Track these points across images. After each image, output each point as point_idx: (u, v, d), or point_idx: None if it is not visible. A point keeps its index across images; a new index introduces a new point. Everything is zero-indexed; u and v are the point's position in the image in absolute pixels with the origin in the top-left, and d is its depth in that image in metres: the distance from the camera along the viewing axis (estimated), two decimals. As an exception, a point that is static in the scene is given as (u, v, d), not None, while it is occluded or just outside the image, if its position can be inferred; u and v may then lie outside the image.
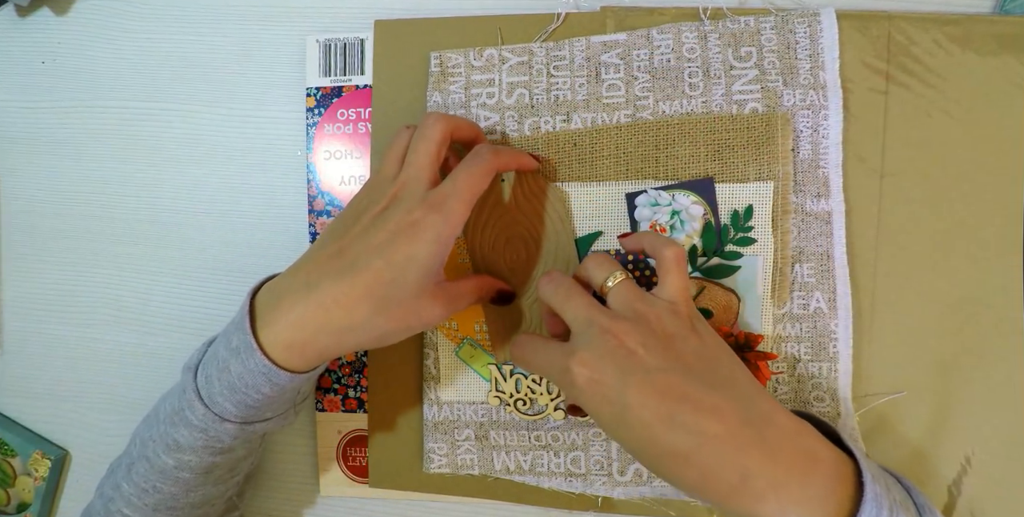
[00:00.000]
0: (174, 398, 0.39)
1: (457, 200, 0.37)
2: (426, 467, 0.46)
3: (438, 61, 0.46)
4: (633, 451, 0.34)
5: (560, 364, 0.35)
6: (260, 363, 0.36)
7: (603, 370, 0.34)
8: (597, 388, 0.34)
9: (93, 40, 0.53)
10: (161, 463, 0.39)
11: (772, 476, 0.31)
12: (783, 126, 0.42)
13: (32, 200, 0.54)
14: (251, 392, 0.37)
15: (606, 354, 0.34)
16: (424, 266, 0.36)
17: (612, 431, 0.34)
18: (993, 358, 0.42)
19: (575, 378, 0.34)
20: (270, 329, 0.36)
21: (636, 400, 0.33)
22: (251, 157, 0.51)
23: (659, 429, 0.32)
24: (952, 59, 0.42)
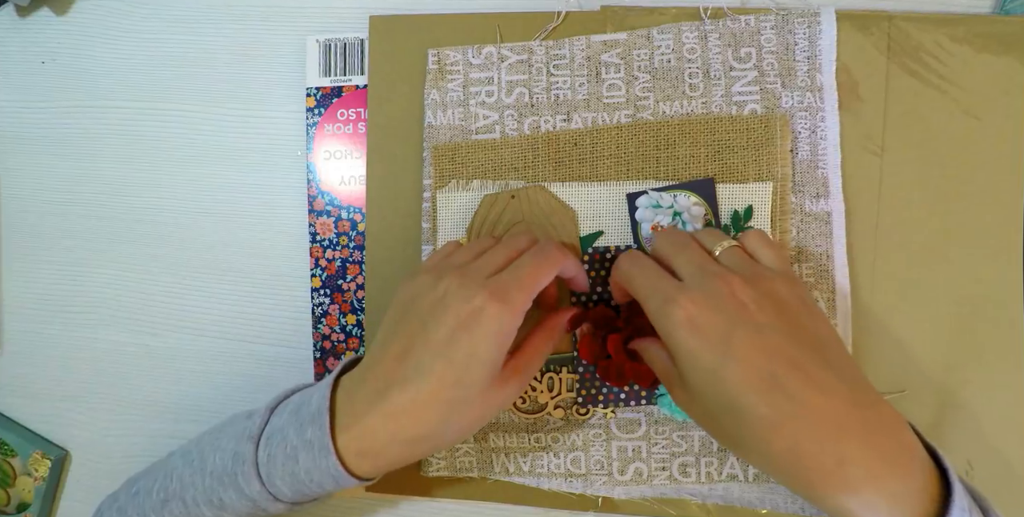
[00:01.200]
0: (227, 458, 0.37)
1: (520, 290, 0.34)
2: (425, 470, 0.46)
3: (436, 58, 0.46)
4: (710, 409, 0.32)
5: (665, 292, 0.33)
6: (333, 466, 0.35)
7: (710, 314, 0.32)
8: (697, 331, 0.32)
9: (93, 40, 0.53)
10: (199, 512, 0.38)
11: (870, 466, 0.29)
12: (782, 127, 0.42)
13: (32, 200, 0.54)
14: (314, 487, 0.36)
15: (717, 299, 0.32)
16: (488, 362, 0.34)
17: (696, 380, 0.32)
18: (993, 358, 0.42)
19: (676, 312, 0.32)
20: (346, 433, 0.35)
21: (740, 352, 0.31)
22: (251, 157, 0.51)
23: (756, 388, 0.30)
24: (952, 59, 0.42)
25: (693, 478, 0.44)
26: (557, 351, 0.44)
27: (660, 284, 0.34)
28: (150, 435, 0.52)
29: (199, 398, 0.52)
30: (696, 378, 0.32)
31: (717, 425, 0.33)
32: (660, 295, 0.34)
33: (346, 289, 0.49)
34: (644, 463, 0.44)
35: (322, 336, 0.49)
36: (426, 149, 0.46)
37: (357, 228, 0.48)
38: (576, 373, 0.44)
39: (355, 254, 0.48)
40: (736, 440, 0.32)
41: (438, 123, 0.46)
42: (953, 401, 0.42)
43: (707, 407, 0.32)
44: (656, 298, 0.34)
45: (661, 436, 0.44)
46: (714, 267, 0.34)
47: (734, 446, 0.33)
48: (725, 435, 0.33)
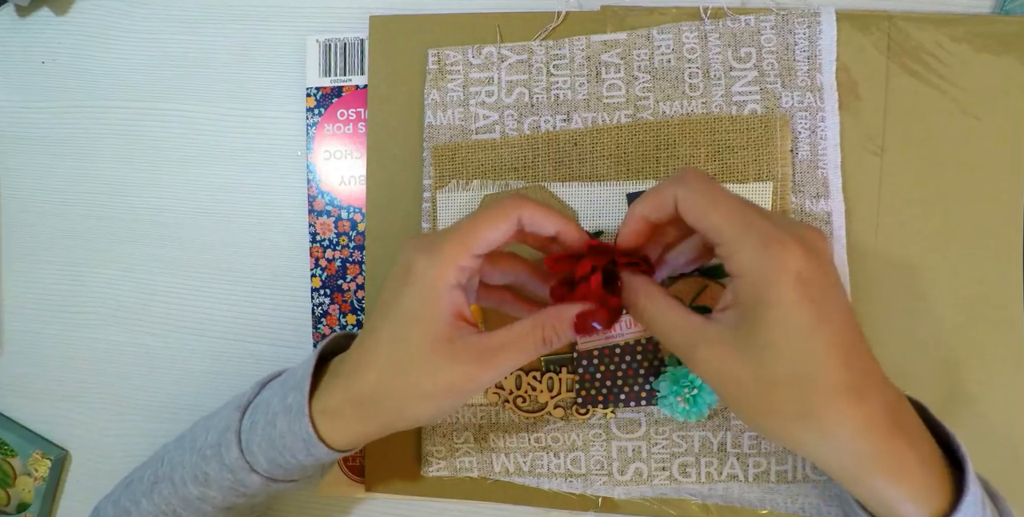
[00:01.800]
0: (215, 432, 0.38)
1: (453, 242, 0.32)
2: (424, 470, 0.46)
3: (436, 58, 0.46)
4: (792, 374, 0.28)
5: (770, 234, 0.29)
6: (304, 429, 0.34)
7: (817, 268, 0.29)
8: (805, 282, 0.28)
9: (93, 40, 0.53)
10: (186, 491, 0.39)
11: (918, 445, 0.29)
12: (782, 127, 0.42)
13: (32, 200, 0.54)
14: (286, 454, 0.36)
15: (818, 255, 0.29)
16: (420, 319, 0.32)
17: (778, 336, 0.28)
18: (993, 358, 0.42)
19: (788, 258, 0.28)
20: (317, 398, 0.35)
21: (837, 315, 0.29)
22: (251, 157, 0.51)
23: (846, 356, 0.28)
24: (952, 59, 0.42)
25: (693, 478, 0.44)
26: (556, 351, 0.44)
27: (758, 221, 0.29)
28: (150, 435, 0.52)
29: (199, 398, 0.52)
30: (784, 338, 0.28)
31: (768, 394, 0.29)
32: (762, 235, 0.29)
33: (346, 289, 0.49)
34: (644, 463, 0.44)
35: (322, 336, 0.49)
36: (426, 149, 0.46)
37: (357, 228, 0.48)
38: (576, 373, 0.44)
39: (355, 254, 0.48)
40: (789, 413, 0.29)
41: (438, 123, 0.46)
42: (954, 401, 0.42)
43: (774, 372, 0.29)
44: (754, 238, 0.29)
45: (661, 436, 0.44)
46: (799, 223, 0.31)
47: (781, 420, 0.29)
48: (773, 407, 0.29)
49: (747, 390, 0.29)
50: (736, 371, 0.29)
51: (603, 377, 0.44)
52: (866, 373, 0.29)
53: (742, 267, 0.29)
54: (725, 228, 0.30)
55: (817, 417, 0.28)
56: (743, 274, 0.29)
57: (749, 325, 0.29)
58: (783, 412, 0.29)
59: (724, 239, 0.30)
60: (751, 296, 0.29)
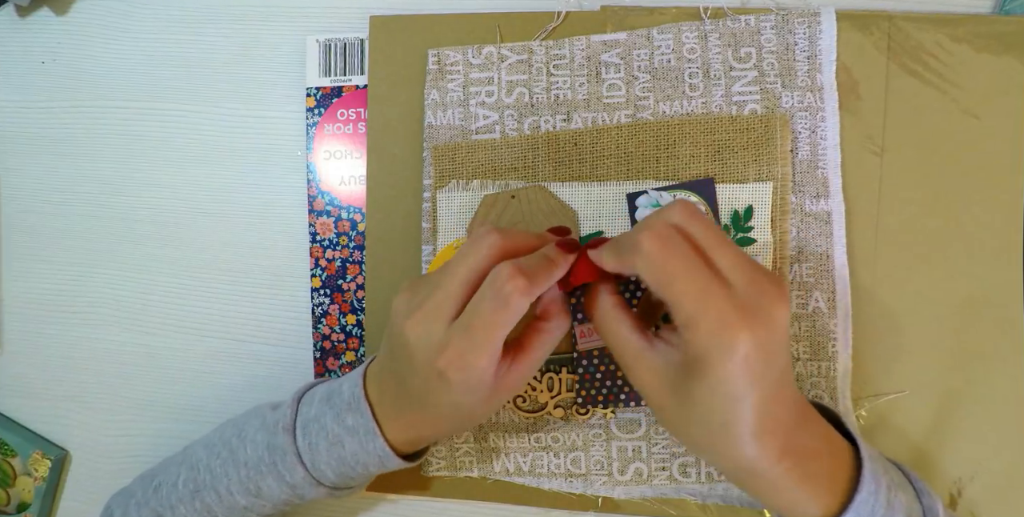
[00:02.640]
0: (260, 449, 0.39)
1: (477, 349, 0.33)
2: (424, 470, 0.46)
3: (436, 59, 0.46)
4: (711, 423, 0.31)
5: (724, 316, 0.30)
6: (381, 448, 0.37)
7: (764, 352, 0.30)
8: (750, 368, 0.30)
9: (93, 40, 0.53)
10: (233, 501, 0.40)
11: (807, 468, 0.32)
12: (782, 127, 0.42)
13: (32, 200, 0.54)
14: (359, 468, 0.38)
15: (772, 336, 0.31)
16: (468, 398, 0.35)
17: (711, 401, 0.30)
18: (994, 357, 0.42)
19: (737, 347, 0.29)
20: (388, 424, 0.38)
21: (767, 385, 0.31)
22: (251, 157, 0.51)
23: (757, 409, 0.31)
24: (952, 59, 0.42)
25: (693, 478, 0.44)
26: (557, 351, 0.44)
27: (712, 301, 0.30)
28: (150, 435, 0.52)
29: (199, 398, 0.52)
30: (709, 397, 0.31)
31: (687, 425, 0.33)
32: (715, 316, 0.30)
33: (346, 289, 0.49)
34: (644, 463, 0.44)
35: (322, 336, 0.49)
36: (426, 149, 0.46)
37: (357, 228, 0.48)
38: (576, 373, 0.44)
39: (355, 254, 0.48)
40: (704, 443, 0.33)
41: (438, 123, 0.46)
42: (954, 401, 0.42)
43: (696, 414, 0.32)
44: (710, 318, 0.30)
45: (661, 436, 0.44)
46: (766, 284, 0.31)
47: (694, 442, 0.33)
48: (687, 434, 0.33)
49: (667, 416, 0.33)
50: (661, 400, 0.33)
51: (603, 377, 0.44)
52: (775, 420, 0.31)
53: (693, 338, 0.30)
54: (683, 305, 0.30)
55: (724, 454, 0.32)
56: (694, 342, 0.30)
57: (685, 375, 0.31)
58: (695, 440, 0.33)
59: (681, 316, 0.31)
60: (696, 356, 0.30)
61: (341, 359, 0.49)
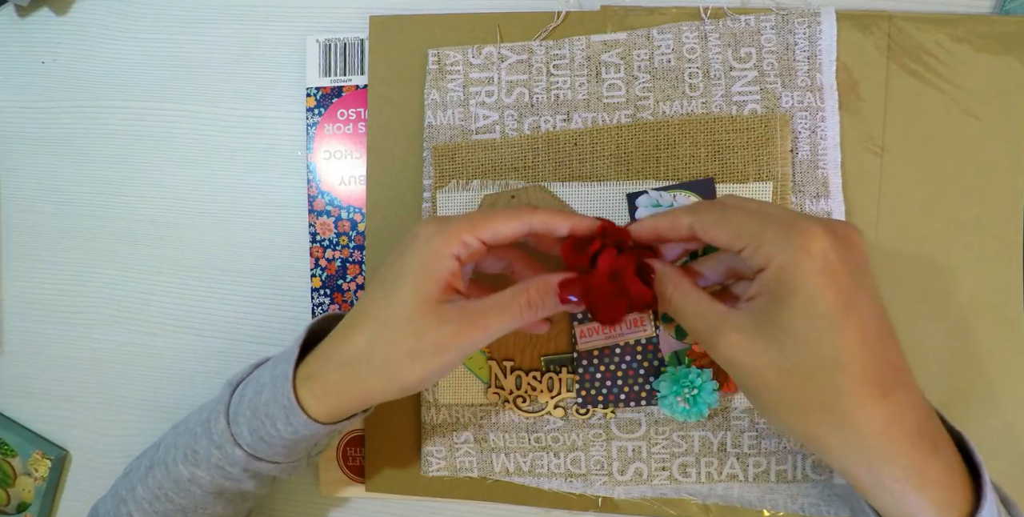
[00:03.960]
0: (207, 410, 0.39)
1: (463, 220, 0.33)
2: (424, 470, 0.46)
3: (436, 58, 0.46)
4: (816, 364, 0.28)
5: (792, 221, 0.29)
6: (285, 395, 0.35)
7: (844, 255, 0.28)
8: (831, 268, 0.28)
9: (93, 40, 0.53)
10: (177, 472, 0.39)
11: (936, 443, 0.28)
12: (782, 127, 0.42)
13: (32, 200, 0.54)
14: (267, 423, 0.36)
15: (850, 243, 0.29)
16: (412, 278, 0.33)
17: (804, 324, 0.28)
18: (994, 357, 0.42)
19: (811, 243, 0.28)
20: (305, 364, 0.36)
21: (864, 305, 0.28)
22: (251, 157, 0.51)
23: (872, 348, 0.28)
24: (953, 59, 0.42)
25: (693, 478, 0.44)
26: (557, 351, 0.44)
27: (774, 214, 0.30)
28: (150, 435, 0.52)
29: (199, 398, 0.52)
30: (807, 323, 0.28)
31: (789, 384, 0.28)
32: (783, 225, 0.29)
33: (346, 289, 0.49)
34: (644, 463, 0.44)
35: (322, 336, 0.49)
36: (426, 149, 0.46)
37: (357, 228, 0.48)
38: (576, 373, 0.44)
39: (355, 254, 0.48)
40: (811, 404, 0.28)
41: (438, 123, 0.46)
42: (954, 401, 0.42)
43: (795, 360, 0.28)
44: (775, 228, 0.29)
45: (661, 436, 0.44)
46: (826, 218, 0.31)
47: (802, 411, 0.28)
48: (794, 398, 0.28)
49: (768, 380, 0.29)
50: (757, 360, 0.29)
51: (603, 377, 0.44)
52: (895, 369, 0.28)
53: (766, 257, 0.29)
54: (743, 229, 0.30)
55: (839, 411, 0.28)
56: (768, 264, 0.29)
57: (772, 312, 0.29)
58: (804, 404, 0.28)
59: (745, 240, 0.30)
60: (775, 282, 0.28)
61: (341, 359, 0.49)
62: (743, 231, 0.30)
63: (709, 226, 0.31)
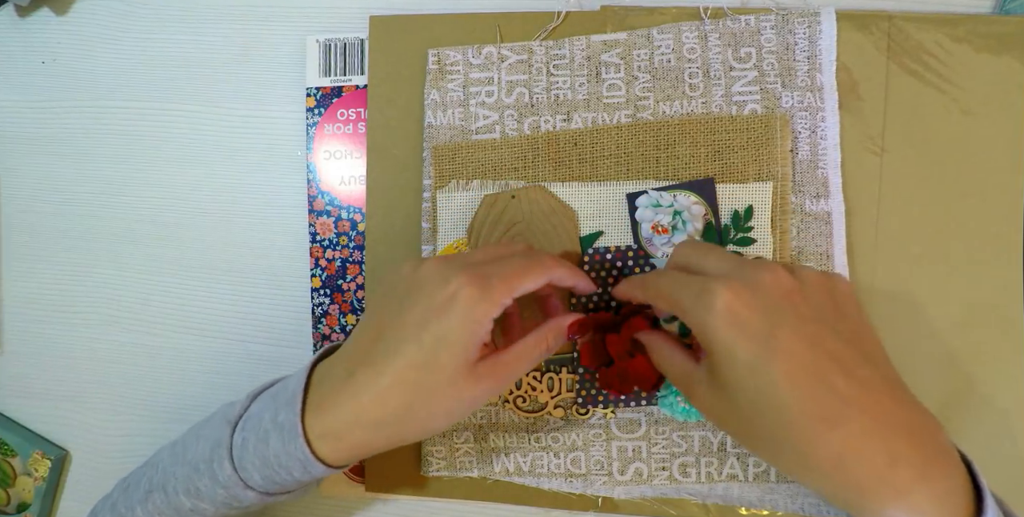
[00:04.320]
0: (206, 446, 0.37)
1: (501, 280, 0.34)
2: (424, 470, 0.46)
3: (436, 59, 0.46)
4: (757, 409, 0.29)
5: (700, 284, 0.31)
6: (300, 450, 0.34)
7: (751, 303, 0.30)
8: (738, 321, 0.30)
9: (93, 40, 0.53)
10: (179, 502, 0.38)
11: (920, 466, 0.28)
12: (782, 127, 0.42)
13: (32, 200, 0.54)
14: (282, 472, 0.35)
15: (758, 288, 0.30)
16: (458, 348, 0.33)
17: (733, 375, 0.30)
18: (993, 358, 0.42)
19: (714, 301, 0.30)
20: (314, 416, 0.34)
21: (785, 345, 0.29)
22: (251, 157, 0.51)
23: (802, 384, 0.28)
24: (953, 59, 0.42)
25: (693, 478, 0.44)
26: (557, 352, 0.44)
27: (691, 280, 0.32)
28: (150, 435, 0.52)
29: (199, 398, 0.52)
30: (733, 373, 0.30)
31: (749, 426, 0.31)
32: (693, 288, 0.32)
33: (346, 289, 0.49)
34: (644, 463, 0.44)
35: (322, 336, 0.49)
36: (426, 149, 0.46)
37: (357, 228, 0.48)
38: (576, 373, 0.44)
39: (355, 254, 0.48)
40: (772, 442, 0.30)
41: (438, 123, 0.46)
42: (953, 401, 0.42)
43: (741, 406, 0.30)
44: (688, 291, 0.32)
45: (661, 436, 0.44)
46: (751, 261, 0.33)
47: (768, 449, 0.31)
48: (757, 437, 0.31)
49: (731, 425, 0.32)
50: (717, 408, 0.32)
51: (603, 377, 0.44)
52: (842, 400, 0.29)
53: (689, 322, 0.32)
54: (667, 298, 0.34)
55: (795, 448, 0.29)
56: (692, 327, 0.32)
57: (711, 367, 0.32)
58: (766, 442, 0.31)
59: (670, 307, 0.34)
60: (702, 341, 0.32)
61: (341, 359, 0.49)
62: (667, 299, 0.34)
63: (637, 294, 0.37)
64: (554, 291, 0.41)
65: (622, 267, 0.43)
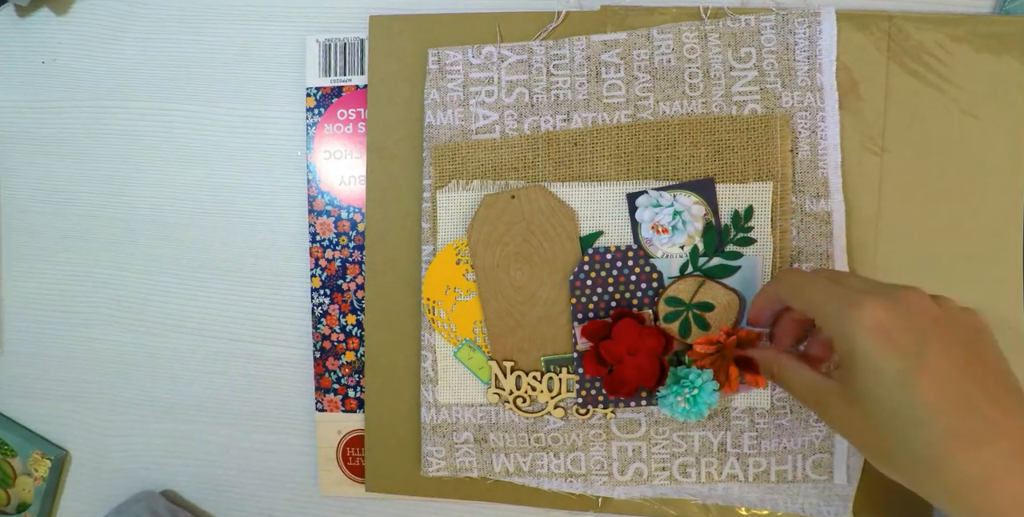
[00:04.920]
0: None
1: None
2: (424, 470, 0.46)
3: (436, 58, 0.46)
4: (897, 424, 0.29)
5: (847, 297, 0.32)
6: None
7: (900, 319, 0.30)
8: (887, 336, 0.30)
9: (93, 40, 0.53)
10: None
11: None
12: (782, 127, 0.42)
13: (32, 200, 0.54)
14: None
15: (907, 308, 0.31)
16: None
17: (878, 389, 0.30)
18: (993, 358, 0.42)
19: (863, 315, 0.30)
20: None
21: (934, 364, 0.29)
22: (251, 157, 0.51)
23: (950, 403, 0.29)
24: (953, 59, 0.42)
25: (693, 478, 0.44)
26: (557, 351, 0.44)
27: (838, 290, 0.33)
28: (150, 435, 0.53)
29: (199, 398, 0.52)
30: (877, 387, 0.30)
31: (884, 442, 0.31)
32: (840, 300, 0.32)
33: (346, 289, 0.49)
34: (644, 463, 0.44)
35: (322, 336, 0.49)
36: (426, 149, 0.46)
37: (357, 228, 0.48)
38: (576, 373, 0.44)
39: (355, 254, 0.48)
40: (907, 459, 0.30)
41: (438, 123, 0.46)
42: (953, 401, 0.42)
43: (880, 420, 0.30)
44: (834, 303, 0.32)
45: (661, 436, 0.44)
46: (894, 284, 0.33)
47: (902, 466, 0.31)
48: (892, 453, 0.31)
49: (866, 440, 0.32)
50: (853, 421, 0.32)
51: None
52: (987, 421, 0.29)
53: (831, 330, 0.32)
54: (812, 304, 0.34)
55: (932, 466, 0.29)
56: (834, 336, 0.32)
57: (850, 380, 0.31)
58: (902, 458, 0.30)
59: (813, 313, 0.34)
60: (843, 353, 0.32)
61: (341, 359, 0.49)
62: (811, 304, 0.34)
63: (786, 296, 0.37)
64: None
65: (622, 267, 0.43)
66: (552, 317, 0.44)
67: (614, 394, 0.42)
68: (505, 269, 0.44)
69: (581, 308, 0.43)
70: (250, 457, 0.51)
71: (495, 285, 0.45)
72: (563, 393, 0.44)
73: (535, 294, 0.44)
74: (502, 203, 0.44)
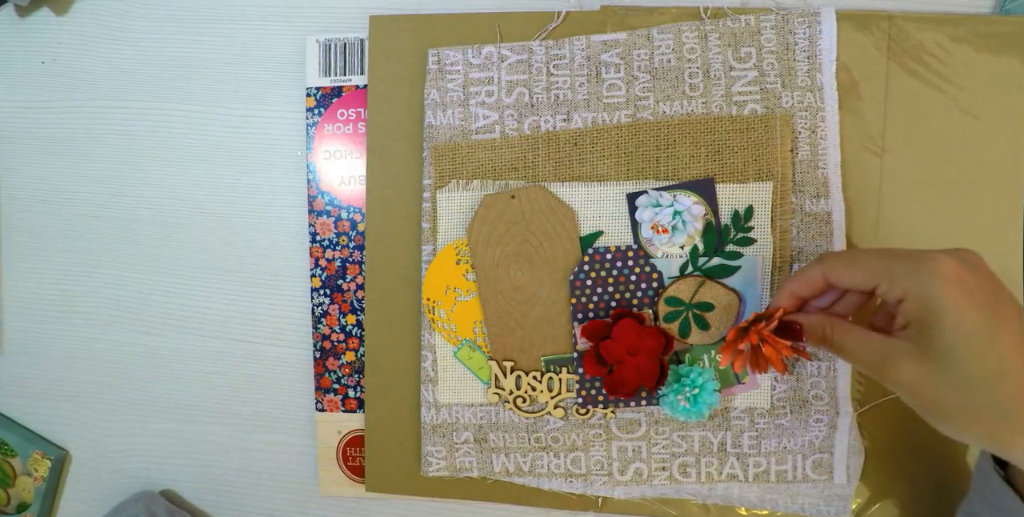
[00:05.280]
0: None
1: None
2: (424, 470, 0.46)
3: (436, 58, 0.46)
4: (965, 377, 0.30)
5: (921, 255, 0.32)
6: None
7: (973, 274, 0.31)
8: (967, 287, 0.30)
9: (93, 40, 0.53)
10: None
11: None
12: (782, 127, 0.42)
13: (32, 200, 0.54)
14: None
15: (973, 265, 0.31)
16: None
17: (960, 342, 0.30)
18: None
19: (941, 268, 0.31)
20: None
21: (1008, 316, 0.30)
22: (251, 157, 0.51)
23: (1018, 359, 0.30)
24: (953, 59, 0.42)
25: (693, 478, 0.44)
26: (556, 351, 0.44)
27: (904, 252, 0.33)
28: (150, 435, 0.53)
29: (199, 398, 0.52)
30: (961, 343, 0.30)
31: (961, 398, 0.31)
32: (913, 259, 0.32)
33: (346, 289, 0.49)
34: (644, 463, 0.44)
35: (322, 336, 0.49)
36: (426, 149, 0.46)
37: (357, 228, 0.48)
38: (576, 373, 0.44)
39: (355, 254, 0.48)
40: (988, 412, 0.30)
41: (438, 123, 0.46)
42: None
43: (963, 376, 0.30)
44: (907, 263, 0.32)
45: (661, 436, 0.44)
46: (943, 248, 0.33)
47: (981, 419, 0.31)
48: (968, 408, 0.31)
49: (942, 397, 0.31)
50: (925, 378, 0.31)
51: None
52: None
53: (903, 289, 0.32)
54: (874, 268, 0.33)
55: (1017, 416, 0.30)
56: (907, 296, 0.32)
57: (927, 336, 0.31)
58: (982, 413, 0.30)
59: (878, 278, 0.33)
60: (921, 310, 0.31)
61: (341, 359, 0.49)
62: (875, 269, 0.33)
63: (840, 270, 0.35)
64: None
65: (622, 267, 0.43)
66: (552, 317, 0.44)
67: (614, 394, 0.42)
68: (505, 269, 0.44)
69: (581, 308, 0.43)
70: (250, 457, 0.51)
71: (495, 285, 0.45)
72: (563, 393, 0.44)
73: (535, 294, 0.44)
74: (502, 203, 0.44)
